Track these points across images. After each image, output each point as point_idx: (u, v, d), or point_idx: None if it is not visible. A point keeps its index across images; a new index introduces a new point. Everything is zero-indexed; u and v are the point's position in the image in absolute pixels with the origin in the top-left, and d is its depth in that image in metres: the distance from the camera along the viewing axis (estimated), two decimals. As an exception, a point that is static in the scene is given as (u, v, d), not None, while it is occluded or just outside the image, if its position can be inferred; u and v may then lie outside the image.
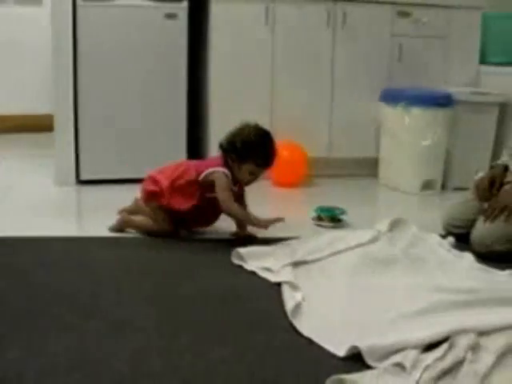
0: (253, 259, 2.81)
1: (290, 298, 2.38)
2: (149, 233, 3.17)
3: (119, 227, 3.22)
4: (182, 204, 3.09)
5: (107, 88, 4.14)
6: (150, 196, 3.16)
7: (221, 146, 3.13)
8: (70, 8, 3.99)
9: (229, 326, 2.21)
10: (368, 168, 4.69)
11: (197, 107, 4.58)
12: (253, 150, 3.06)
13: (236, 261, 2.82)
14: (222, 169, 3.07)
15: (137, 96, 4.19)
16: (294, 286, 2.48)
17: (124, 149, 4.21)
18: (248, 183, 3.17)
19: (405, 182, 4.37)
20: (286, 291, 2.45)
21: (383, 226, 3.09)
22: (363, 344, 1.98)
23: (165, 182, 3.09)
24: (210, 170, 3.08)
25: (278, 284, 2.55)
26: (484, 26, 4.81)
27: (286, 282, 2.52)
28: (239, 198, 3.18)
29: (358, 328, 2.15)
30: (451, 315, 2.19)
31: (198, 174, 3.08)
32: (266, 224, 3.05)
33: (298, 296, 2.39)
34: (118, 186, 4.09)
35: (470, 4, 4.75)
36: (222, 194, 3.04)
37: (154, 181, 3.14)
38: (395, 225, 3.14)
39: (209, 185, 3.06)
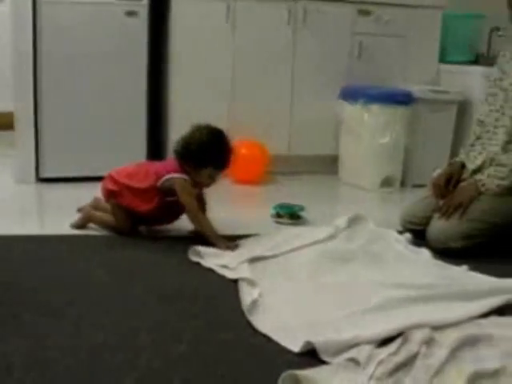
0: (210, 256, 2.82)
1: (247, 295, 2.39)
2: (110, 229, 3.17)
3: (81, 223, 3.21)
4: (141, 206, 3.09)
5: (68, 86, 4.10)
6: (110, 194, 3.16)
7: (176, 153, 3.08)
8: (30, 5, 3.95)
9: (186, 324, 2.21)
10: (328, 165, 4.72)
11: (158, 105, 4.57)
12: (210, 154, 3.02)
13: (194, 258, 2.83)
14: (180, 175, 3.04)
15: (97, 94, 4.17)
16: (251, 283, 2.49)
17: (84, 147, 4.18)
18: (208, 186, 3.15)
19: (364, 179, 4.41)
20: (244, 288, 2.46)
21: (341, 222, 3.12)
22: (318, 339, 2.00)
23: (124, 183, 3.10)
24: (168, 176, 3.05)
25: (236, 281, 2.56)
26: (444, 25, 4.87)
27: (243, 279, 2.53)
28: (199, 198, 3.17)
29: (313, 324, 2.17)
30: (407, 311, 2.23)
31: (158, 179, 3.06)
32: (225, 247, 2.95)
33: (255, 292, 2.40)
34: (78, 184, 4.06)
35: (431, 3, 4.80)
36: (188, 201, 3.02)
37: (114, 180, 3.13)
38: (353, 221, 3.17)
39: (168, 189, 3.04)
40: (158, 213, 3.11)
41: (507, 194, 3.07)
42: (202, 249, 2.86)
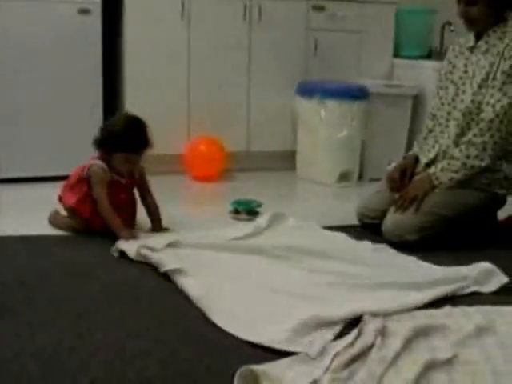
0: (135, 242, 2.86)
1: (193, 288, 2.41)
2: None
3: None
4: (69, 199, 3.12)
5: (21, 85, 4.06)
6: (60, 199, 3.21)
7: (95, 142, 3.10)
8: (-22, 3, 3.91)
9: (141, 322, 2.20)
10: (286, 161, 4.74)
11: (113, 103, 4.54)
12: (119, 137, 3.04)
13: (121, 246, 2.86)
14: (97, 162, 3.07)
15: (51, 93, 4.13)
16: (184, 273, 2.52)
17: (41, 147, 4.14)
18: (129, 172, 3.12)
19: (321, 174, 4.43)
20: (182, 279, 2.48)
21: (263, 220, 3.19)
22: (264, 329, 2.06)
23: (63, 185, 3.17)
24: (90, 162, 3.08)
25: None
26: (397, 20, 4.91)
27: (176, 270, 2.55)
28: (142, 189, 3.20)
29: (256, 314, 2.23)
30: (342, 299, 2.33)
31: (84, 169, 3.09)
32: (128, 236, 2.94)
33: (201, 286, 2.42)
34: (36, 184, 4.02)
35: (385, -1, 4.85)
36: (96, 190, 3.03)
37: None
38: (274, 218, 3.23)
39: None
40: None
41: (458, 187, 3.11)
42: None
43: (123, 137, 3.04)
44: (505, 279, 2.54)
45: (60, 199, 3.20)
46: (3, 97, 4.03)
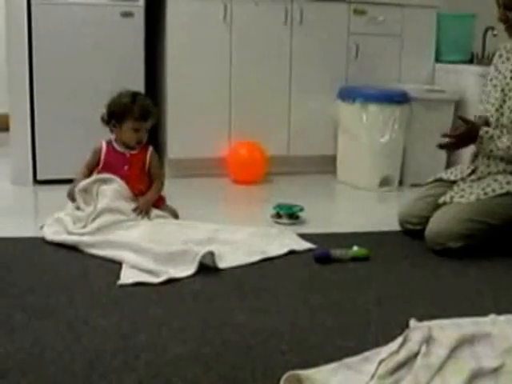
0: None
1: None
2: None
3: None
4: None
5: (64, 87, 4.10)
6: None
7: (102, 119, 3.36)
8: (24, 6, 3.95)
9: (183, 323, 2.21)
10: (326, 165, 4.72)
11: (155, 106, 4.55)
12: (126, 106, 3.28)
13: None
14: (101, 143, 3.37)
15: (94, 95, 4.16)
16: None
17: (81, 148, 4.16)
18: (139, 141, 3.34)
19: (362, 179, 4.41)
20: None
21: None
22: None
23: None
24: None
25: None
26: (438, 24, 4.88)
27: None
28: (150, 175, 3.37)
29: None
30: None
31: None
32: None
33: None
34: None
35: (425, 3, 4.81)
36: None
37: None
38: None
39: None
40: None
41: (504, 194, 3.06)
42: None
43: (130, 105, 3.29)
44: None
45: None
46: (46, 97, 4.08)
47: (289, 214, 3.48)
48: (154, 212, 3.25)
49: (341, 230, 3.40)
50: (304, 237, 3.23)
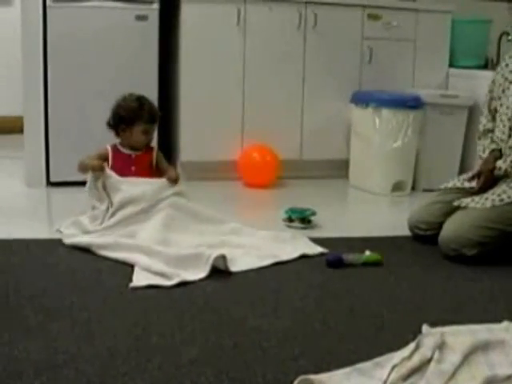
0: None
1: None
2: None
3: None
4: None
5: (78, 90, 4.12)
6: None
7: (108, 124, 3.40)
8: (40, 9, 3.97)
9: (195, 327, 2.21)
10: (339, 170, 4.72)
11: (168, 109, 4.57)
12: (135, 111, 3.33)
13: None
14: (106, 148, 3.39)
15: (107, 98, 4.14)
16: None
17: (94, 151, 4.18)
18: (146, 143, 3.40)
19: (375, 184, 4.40)
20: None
21: None
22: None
23: None
24: None
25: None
26: (453, 29, 4.87)
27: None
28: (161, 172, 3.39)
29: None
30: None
31: None
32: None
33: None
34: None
35: (440, 8, 4.81)
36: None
37: None
38: None
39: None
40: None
41: None
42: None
43: (140, 109, 3.34)
44: None
45: None
46: (60, 100, 4.09)
47: (301, 218, 3.48)
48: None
49: (353, 234, 3.40)
50: (316, 241, 3.22)
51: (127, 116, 3.34)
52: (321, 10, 4.50)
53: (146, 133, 3.36)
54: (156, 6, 4.17)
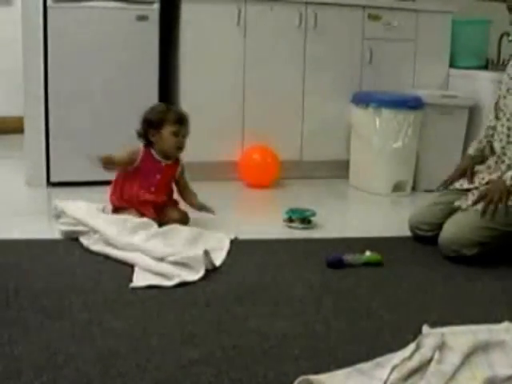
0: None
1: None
2: None
3: None
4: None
5: (78, 90, 4.11)
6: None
7: (138, 134, 3.36)
8: (40, 9, 3.97)
9: (195, 327, 2.21)
10: (339, 170, 4.71)
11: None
12: (163, 112, 3.32)
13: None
14: (139, 146, 3.35)
15: (108, 98, 4.17)
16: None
17: (94, 151, 4.18)
18: (180, 146, 3.36)
19: (375, 184, 4.40)
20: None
21: None
22: None
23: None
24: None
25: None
26: (453, 30, 4.86)
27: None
28: (180, 185, 3.45)
29: None
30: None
31: None
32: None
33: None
34: (87, 188, 4.07)
35: (439, 8, 4.80)
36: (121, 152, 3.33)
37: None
38: None
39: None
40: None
41: None
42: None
43: (166, 111, 3.33)
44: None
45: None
46: (60, 100, 4.09)
47: (301, 219, 3.47)
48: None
49: (353, 234, 3.40)
50: (316, 241, 3.23)
51: (154, 119, 3.31)
52: (321, 10, 4.50)
53: (177, 135, 3.31)
54: (156, 6, 4.17)
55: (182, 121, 3.34)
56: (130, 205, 3.29)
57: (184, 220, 3.33)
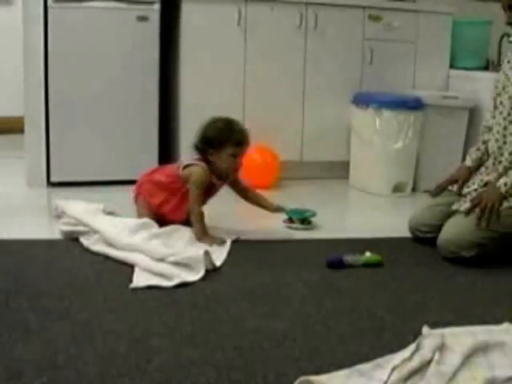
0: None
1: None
2: None
3: None
4: (155, 197, 3.24)
5: (78, 90, 4.11)
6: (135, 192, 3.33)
7: (195, 147, 3.20)
8: (41, 9, 3.97)
9: (195, 328, 2.21)
10: (339, 171, 4.71)
11: (168, 109, 4.57)
12: (225, 132, 3.15)
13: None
14: (201, 163, 3.15)
15: (108, 98, 4.18)
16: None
17: (94, 151, 4.19)
18: (236, 168, 3.23)
19: (375, 185, 4.40)
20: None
21: None
22: None
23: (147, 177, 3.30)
24: (188, 162, 3.18)
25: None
26: (454, 31, 4.87)
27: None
28: (235, 186, 3.34)
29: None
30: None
31: (179, 168, 3.20)
32: (210, 243, 3.04)
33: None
34: (87, 188, 4.08)
35: (440, 9, 4.81)
36: (194, 192, 3.10)
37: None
38: None
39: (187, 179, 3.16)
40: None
41: None
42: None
43: (230, 131, 3.16)
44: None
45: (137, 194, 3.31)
46: (60, 100, 4.09)
47: (301, 219, 3.48)
48: None
49: (353, 235, 3.40)
50: (316, 242, 3.23)
51: (215, 138, 3.15)
52: (322, 10, 4.50)
53: (236, 156, 3.17)
54: (157, 6, 4.17)
55: (243, 143, 3.18)
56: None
57: None
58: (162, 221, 3.20)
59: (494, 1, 5.28)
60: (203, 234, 3.09)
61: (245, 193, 3.40)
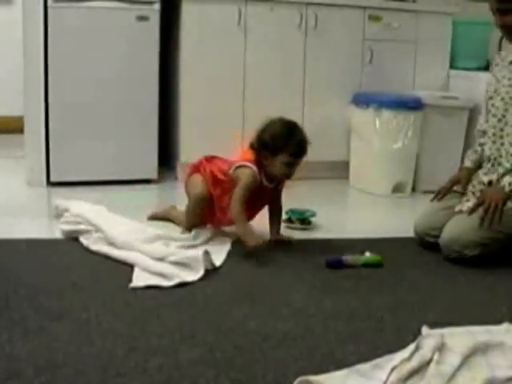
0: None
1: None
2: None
3: (160, 216, 3.46)
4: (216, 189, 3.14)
5: (78, 91, 4.11)
6: (194, 169, 3.28)
7: (251, 146, 3.10)
8: (41, 9, 3.96)
9: (195, 328, 2.21)
10: (339, 171, 4.71)
11: (168, 109, 4.57)
12: (282, 140, 3.01)
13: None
14: (252, 167, 3.06)
15: (108, 98, 4.18)
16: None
17: (94, 151, 4.19)
18: (288, 176, 3.10)
19: (375, 185, 4.40)
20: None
21: None
22: None
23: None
24: (239, 163, 3.09)
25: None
26: (454, 31, 4.87)
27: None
28: (275, 194, 3.22)
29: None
30: None
31: (230, 165, 3.14)
32: (254, 241, 2.92)
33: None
34: (87, 188, 4.08)
35: (440, 9, 4.81)
36: (240, 192, 2.99)
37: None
38: None
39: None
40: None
41: None
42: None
43: (289, 140, 3.02)
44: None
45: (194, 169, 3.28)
46: (60, 100, 4.09)
47: (301, 220, 3.48)
48: None
49: (353, 235, 3.40)
50: (316, 242, 3.23)
51: (272, 144, 3.01)
52: (322, 10, 4.50)
53: (291, 165, 3.05)
54: (157, 6, 4.17)
55: (300, 153, 3.05)
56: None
57: None
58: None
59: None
60: (246, 233, 2.95)
61: (274, 206, 3.27)
